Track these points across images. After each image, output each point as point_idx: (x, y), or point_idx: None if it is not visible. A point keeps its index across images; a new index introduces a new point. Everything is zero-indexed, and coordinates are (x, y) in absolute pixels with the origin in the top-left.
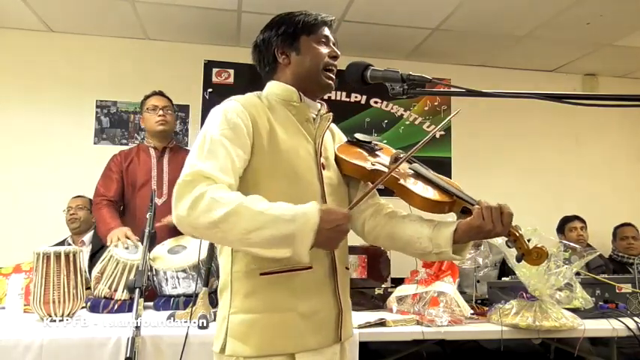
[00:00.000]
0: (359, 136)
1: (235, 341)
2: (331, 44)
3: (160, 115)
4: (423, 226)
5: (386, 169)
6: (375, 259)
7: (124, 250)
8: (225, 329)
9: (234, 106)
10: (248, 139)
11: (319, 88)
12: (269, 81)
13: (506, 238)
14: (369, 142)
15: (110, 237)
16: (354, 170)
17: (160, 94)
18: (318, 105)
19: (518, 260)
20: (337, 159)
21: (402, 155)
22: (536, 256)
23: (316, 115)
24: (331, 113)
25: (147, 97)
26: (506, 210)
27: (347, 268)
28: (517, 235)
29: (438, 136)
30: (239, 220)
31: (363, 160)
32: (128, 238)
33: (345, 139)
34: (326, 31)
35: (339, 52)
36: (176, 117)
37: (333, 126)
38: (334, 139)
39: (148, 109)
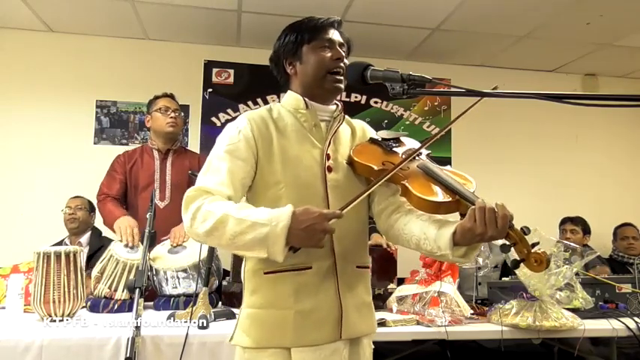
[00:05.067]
0: (382, 133)
1: (240, 332)
2: (337, 46)
3: (171, 117)
4: (430, 227)
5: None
6: (383, 260)
7: (124, 249)
8: (237, 321)
9: (239, 122)
10: (251, 151)
11: (326, 93)
12: (287, 91)
13: (504, 242)
14: (389, 140)
15: (117, 225)
16: (364, 170)
17: (172, 96)
18: (332, 107)
19: (514, 266)
20: (351, 160)
21: (410, 152)
22: (535, 262)
23: (329, 118)
24: (342, 114)
25: (157, 98)
26: (502, 212)
27: (362, 267)
28: (517, 239)
29: None
30: (226, 227)
31: (374, 161)
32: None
33: (369, 136)
34: (330, 33)
35: (343, 54)
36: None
37: (359, 123)
38: (354, 137)
39: (159, 109)
